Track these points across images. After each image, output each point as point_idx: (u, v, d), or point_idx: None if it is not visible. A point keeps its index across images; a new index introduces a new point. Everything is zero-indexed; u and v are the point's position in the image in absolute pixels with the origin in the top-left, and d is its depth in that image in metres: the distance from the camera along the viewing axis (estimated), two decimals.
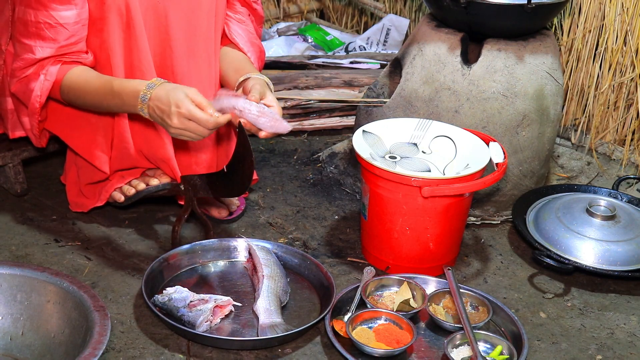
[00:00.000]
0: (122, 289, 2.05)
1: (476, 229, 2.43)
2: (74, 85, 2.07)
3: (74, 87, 2.07)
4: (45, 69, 2.06)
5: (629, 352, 1.98)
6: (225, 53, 2.28)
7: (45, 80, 2.06)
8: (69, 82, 2.07)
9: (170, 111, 1.92)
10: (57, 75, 2.06)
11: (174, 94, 1.93)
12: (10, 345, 1.78)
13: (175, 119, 1.92)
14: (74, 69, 2.08)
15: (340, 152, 2.70)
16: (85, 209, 2.31)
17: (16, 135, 2.27)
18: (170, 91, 1.94)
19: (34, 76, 2.07)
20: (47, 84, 2.07)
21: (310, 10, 3.93)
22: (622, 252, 2.22)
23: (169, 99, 1.93)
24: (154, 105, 1.95)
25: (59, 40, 2.04)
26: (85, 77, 2.07)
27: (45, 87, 2.07)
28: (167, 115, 1.93)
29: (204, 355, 1.85)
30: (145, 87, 1.97)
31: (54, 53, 2.05)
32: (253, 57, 2.32)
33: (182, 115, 1.92)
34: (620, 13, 2.75)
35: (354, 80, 2.97)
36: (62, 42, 2.04)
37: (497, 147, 2.18)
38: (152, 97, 1.96)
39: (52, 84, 2.07)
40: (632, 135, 2.86)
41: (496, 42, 2.41)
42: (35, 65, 2.06)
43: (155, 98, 1.95)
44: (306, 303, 2.03)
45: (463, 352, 1.86)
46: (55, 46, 2.04)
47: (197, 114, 1.92)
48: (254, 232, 2.32)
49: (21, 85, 2.10)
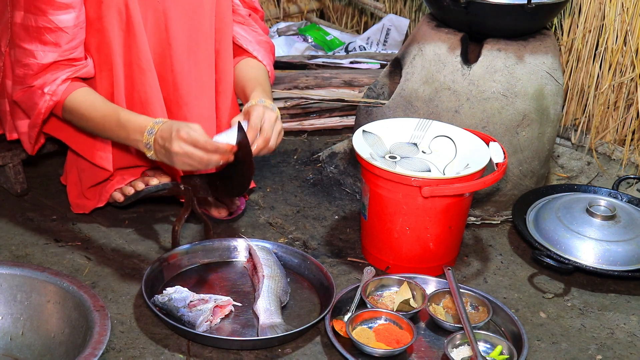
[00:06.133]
0: (122, 289, 2.05)
1: (476, 229, 2.43)
2: (76, 108, 2.06)
3: (77, 110, 2.06)
4: (52, 87, 2.04)
5: (629, 352, 1.98)
6: (237, 71, 2.29)
7: (50, 100, 2.06)
8: (71, 104, 2.06)
9: (171, 137, 1.94)
10: (62, 96, 2.06)
11: (177, 124, 1.97)
12: (10, 345, 1.79)
13: (175, 143, 1.93)
14: (77, 91, 2.06)
15: (340, 152, 2.70)
16: (86, 211, 2.31)
17: (14, 137, 2.27)
18: (174, 123, 1.98)
19: (37, 90, 2.05)
20: (51, 104, 2.07)
21: (310, 10, 3.93)
22: (622, 252, 2.22)
23: (171, 128, 1.95)
24: (158, 137, 1.97)
25: (62, 44, 2.03)
26: (91, 100, 2.07)
27: (49, 107, 2.07)
28: (169, 141, 1.94)
29: (204, 355, 1.85)
30: (153, 122, 2.00)
31: (57, 58, 2.04)
32: (261, 54, 2.32)
33: (181, 138, 1.93)
34: (620, 13, 2.75)
35: (354, 80, 2.97)
36: (65, 46, 2.04)
37: (497, 147, 2.18)
38: (158, 132, 1.98)
39: (55, 103, 2.07)
40: (632, 135, 2.86)
41: (496, 42, 2.41)
42: (40, 73, 2.04)
43: (159, 135, 1.97)
44: (306, 303, 2.03)
45: (463, 352, 1.86)
46: (59, 50, 2.03)
47: (194, 136, 1.93)
48: (254, 232, 2.32)
49: (25, 96, 2.09)
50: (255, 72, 2.28)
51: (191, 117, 2.20)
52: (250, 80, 2.25)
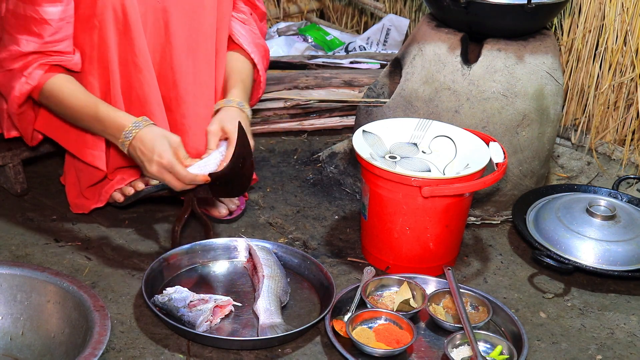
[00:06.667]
0: (122, 289, 2.05)
1: (476, 229, 2.43)
2: (55, 93, 2.08)
3: (55, 96, 2.08)
4: (30, 70, 2.06)
5: (629, 352, 1.98)
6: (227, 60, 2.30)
7: (26, 83, 2.07)
8: (49, 89, 2.08)
9: (151, 158, 2.00)
10: (39, 81, 2.07)
11: (159, 142, 2.00)
12: (10, 345, 1.79)
13: (155, 167, 2.00)
14: (57, 76, 2.08)
15: (340, 152, 2.70)
16: (86, 211, 2.31)
17: (11, 135, 2.28)
18: (156, 139, 2.00)
19: (18, 74, 2.07)
20: (27, 87, 2.08)
21: (310, 10, 3.93)
22: (622, 252, 2.22)
23: (153, 147, 1.99)
24: (136, 146, 2.01)
25: (44, 36, 2.05)
26: (71, 89, 2.08)
27: (25, 90, 2.08)
28: (148, 160, 2.01)
29: (204, 355, 1.85)
30: (132, 124, 2.02)
31: (38, 48, 2.05)
32: (257, 57, 2.32)
33: (162, 165, 2.00)
34: (620, 13, 2.75)
35: (354, 80, 2.97)
36: (47, 37, 2.05)
37: (497, 147, 2.18)
38: (137, 137, 2.01)
39: (32, 88, 2.08)
40: (632, 135, 2.86)
41: (496, 42, 2.41)
42: (20, 59, 2.06)
43: (139, 139, 2.01)
44: (306, 303, 2.03)
45: (463, 352, 1.86)
46: (40, 42, 2.05)
47: (176, 168, 2.00)
48: (254, 232, 2.32)
49: (4, 78, 2.11)
50: (241, 64, 2.30)
51: (189, 116, 2.20)
52: (235, 72, 2.28)
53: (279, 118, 2.93)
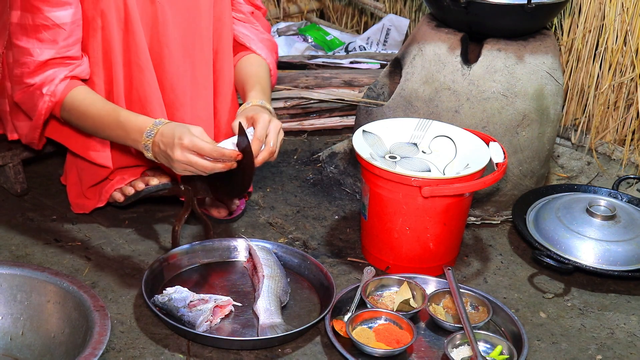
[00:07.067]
0: (122, 289, 2.05)
1: (476, 229, 2.43)
2: (76, 106, 2.05)
3: (76, 109, 2.05)
4: (51, 87, 2.03)
5: (629, 352, 1.98)
6: (238, 67, 2.28)
7: (50, 101, 2.05)
8: (71, 102, 2.05)
9: (173, 143, 1.92)
10: (60, 96, 2.04)
11: (179, 128, 1.94)
12: (10, 345, 1.79)
13: (178, 151, 1.91)
14: (77, 88, 2.06)
15: (340, 152, 2.70)
16: (86, 210, 2.31)
17: (15, 137, 2.27)
18: (176, 127, 1.95)
19: (37, 91, 2.04)
20: (51, 105, 2.06)
21: (310, 10, 3.93)
22: (622, 252, 2.22)
23: (173, 133, 1.93)
24: (158, 141, 1.95)
25: (59, 41, 2.03)
26: (92, 99, 2.06)
27: (49, 107, 2.06)
28: (170, 147, 1.92)
29: (204, 355, 1.85)
30: (153, 124, 1.98)
31: (54, 55, 2.03)
32: (264, 52, 2.31)
33: (185, 147, 1.91)
34: (620, 13, 2.75)
35: (354, 80, 2.97)
36: (62, 42, 2.03)
37: (497, 147, 2.18)
38: (158, 133, 1.96)
39: (54, 104, 2.06)
40: (632, 135, 2.86)
41: (496, 42, 2.41)
42: (38, 70, 2.03)
43: (160, 134, 1.95)
44: (306, 303, 2.03)
45: (463, 352, 1.86)
46: (56, 47, 2.03)
47: (199, 144, 1.91)
48: (254, 232, 2.32)
49: (25, 96, 2.08)
50: (256, 68, 2.27)
51: (188, 119, 2.18)
52: (251, 76, 2.24)
53: (278, 118, 2.93)
